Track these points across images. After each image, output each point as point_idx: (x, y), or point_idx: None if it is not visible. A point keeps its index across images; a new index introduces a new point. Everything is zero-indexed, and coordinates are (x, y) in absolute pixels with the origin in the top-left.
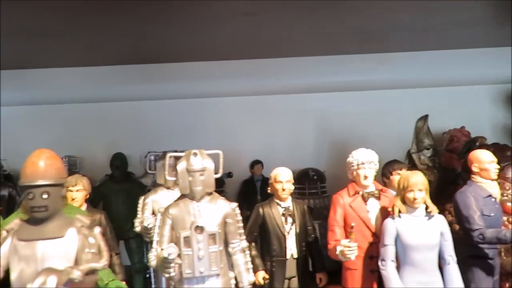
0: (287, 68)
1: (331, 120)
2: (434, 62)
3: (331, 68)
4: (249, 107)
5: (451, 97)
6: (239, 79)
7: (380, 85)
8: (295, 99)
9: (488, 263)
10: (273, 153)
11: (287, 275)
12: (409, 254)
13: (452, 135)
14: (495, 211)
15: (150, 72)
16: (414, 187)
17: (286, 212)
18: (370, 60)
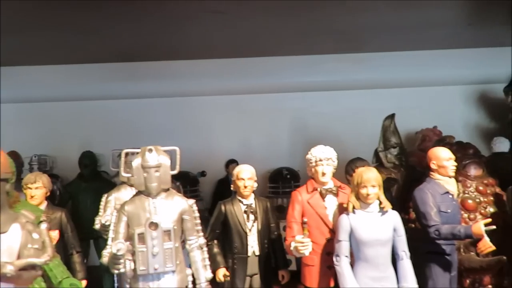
0: (262, 68)
1: (306, 119)
2: (408, 63)
3: (306, 68)
4: (225, 107)
5: (425, 97)
6: (215, 78)
7: (355, 85)
8: (271, 98)
9: (446, 259)
10: (249, 152)
11: (249, 272)
12: (362, 249)
13: (424, 134)
14: (452, 207)
15: (124, 71)
16: (367, 183)
17: (248, 209)
18: (344, 60)
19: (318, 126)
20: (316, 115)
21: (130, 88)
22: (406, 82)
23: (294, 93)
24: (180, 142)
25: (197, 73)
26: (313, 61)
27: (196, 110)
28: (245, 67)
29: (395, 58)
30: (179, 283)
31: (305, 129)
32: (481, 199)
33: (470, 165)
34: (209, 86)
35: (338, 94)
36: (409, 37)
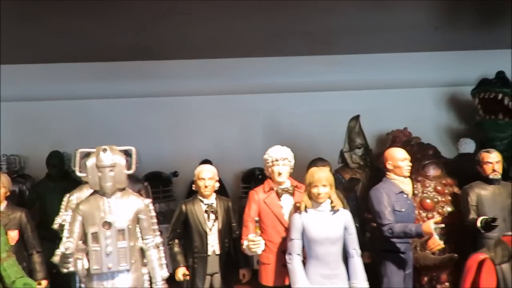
0: (235, 69)
1: (279, 120)
2: (380, 65)
3: (279, 70)
4: (198, 107)
5: (396, 99)
6: (189, 79)
7: (328, 86)
8: (245, 99)
9: (400, 257)
10: (222, 152)
11: (209, 271)
12: (314, 247)
13: (395, 135)
14: (406, 206)
15: (97, 71)
16: (318, 183)
17: (209, 209)
18: (318, 62)
19: (291, 127)
20: (289, 116)
21: (103, 88)
22: (377, 84)
23: (267, 94)
24: (153, 142)
25: (170, 73)
26: (285, 63)
27: (170, 110)
28: (219, 68)
29: (366, 60)
30: (134, 282)
31: (278, 130)
32: (439, 199)
33: (429, 165)
34: (183, 87)
35: (311, 96)
36: (380, 39)
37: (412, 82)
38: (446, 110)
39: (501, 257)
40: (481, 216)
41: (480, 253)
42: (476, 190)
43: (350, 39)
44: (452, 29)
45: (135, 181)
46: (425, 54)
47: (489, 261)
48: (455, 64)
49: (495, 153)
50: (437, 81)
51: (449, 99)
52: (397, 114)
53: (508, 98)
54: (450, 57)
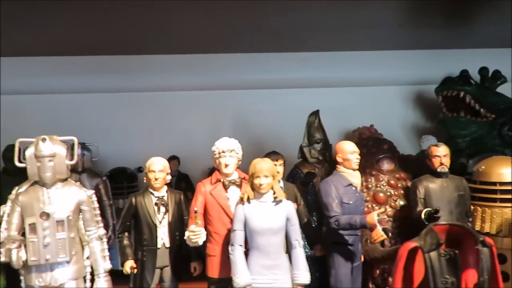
0: (204, 65)
1: (248, 117)
2: (348, 63)
3: (249, 66)
4: (167, 103)
5: (364, 97)
6: (157, 74)
7: (297, 83)
8: (213, 95)
9: (348, 249)
10: (190, 149)
11: (159, 264)
12: (255, 238)
13: (361, 132)
14: (354, 199)
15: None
16: (260, 174)
17: (159, 201)
18: (287, 58)
19: (260, 124)
20: (258, 112)
21: (70, 83)
22: (345, 82)
23: (236, 91)
24: (121, 137)
25: (138, 69)
26: (253, 59)
27: (138, 106)
28: (187, 64)
29: (335, 58)
30: (75, 274)
31: (247, 127)
32: (392, 193)
33: (383, 159)
34: (151, 82)
35: (280, 92)
36: (349, 37)
37: (379, 80)
38: (412, 107)
39: (429, 245)
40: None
41: (411, 241)
42: (424, 183)
43: (319, 37)
44: (419, 28)
45: (93, 176)
46: (392, 52)
47: (418, 249)
48: (422, 62)
49: (443, 147)
50: (404, 79)
51: (416, 97)
52: (365, 111)
53: (469, 96)
54: (417, 55)
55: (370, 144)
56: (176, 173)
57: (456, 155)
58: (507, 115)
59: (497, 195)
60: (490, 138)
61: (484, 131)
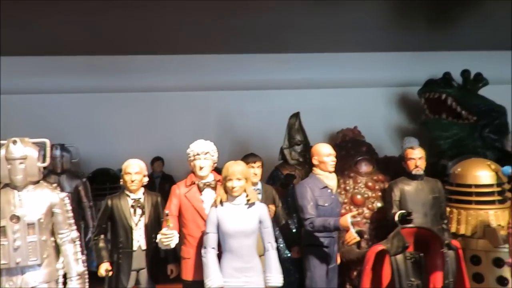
0: (189, 66)
1: (232, 118)
2: (332, 64)
3: (233, 67)
4: (151, 104)
5: (349, 98)
6: (141, 75)
7: (281, 85)
8: (197, 96)
9: (324, 251)
10: (174, 150)
11: (135, 267)
12: (227, 241)
13: (344, 134)
14: (330, 201)
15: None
16: (233, 176)
17: (136, 203)
18: (270, 60)
19: (244, 125)
20: (242, 114)
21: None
22: (330, 83)
23: (220, 92)
24: (105, 138)
25: (123, 69)
26: (239, 60)
27: (123, 106)
28: (172, 65)
29: (320, 59)
30: (46, 277)
31: (231, 128)
32: (369, 194)
33: (362, 162)
34: (135, 83)
35: (264, 94)
36: (332, 39)
37: (363, 81)
38: (396, 109)
39: (396, 248)
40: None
41: (379, 244)
42: (400, 186)
43: (303, 38)
44: (402, 30)
45: (72, 177)
46: (376, 54)
47: (385, 252)
48: (406, 64)
49: (418, 150)
50: (388, 81)
51: (400, 99)
52: (349, 113)
53: (451, 98)
54: (401, 57)
55: (349, 146)
56: (160, 174)
57: (438, 157)
58: (488, 117)
59: (473, 197)
60: (472, 140)
61: (466, 133)
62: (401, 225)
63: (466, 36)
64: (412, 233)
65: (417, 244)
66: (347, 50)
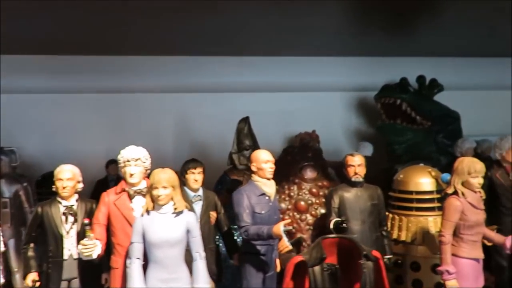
0: (145, 67)
1: (191, 121)
2: (292, 68)
3: (191, 69)
4: (107, 106)
5: (307, 102)
6: (95, 75)
7: (241, 87)
8: (154, 98)
9: (261, 259)
10: None
11: (66, 276)
12: (153, 251)
13: (302, 138)
14: (267, 208)
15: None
16: (159, 185)
17: (68, 211)
18: (229, 62)
19: (203, 128)
20: (200, 117)
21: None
22: (289, 87)
23: (178, 94)
24: (58, 140)
25: (78, 70)
26: (198, 62)
27: (77, 108)
28: (128, 66)
29: (278, 62)
30: None
31: (189, 131)
32: (313, 201)
33: (306, 168)
34: (90, 84)
35: (224, 96)
36: (292, 42)
37: (322, 85)
38: (355, 114)
39: (314, 260)
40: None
41: (299, 255)
42: (339, 193)
43: (263, 41)
44: (362, 34)
45: (12, 182)
46: (335, 58)
47: (303, 263)
48: (365, 69)
49: (358, 156)
50: (347, 85)
51: (359, 103)
52: (308, 117)
53: (405, 103)
54: (361, 62)
55: (295, 152)
56: (114, 177)
57: (393, 162)
58: (442, 123)
59: (413, 203)
60: (426, 145)
61: (420, 138)
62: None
63: (424, 42)
64: (335, 243)
65: (341, 254)
66: (306, 54)
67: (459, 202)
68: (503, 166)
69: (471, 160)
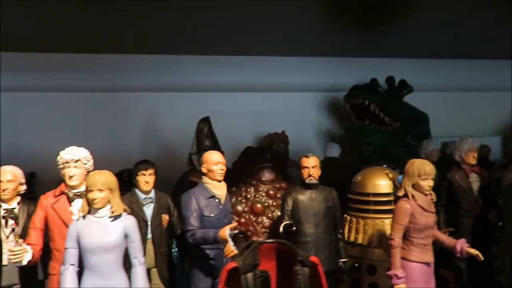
0: (112, 65)
1: (159, 121)
2: (263, 68)
3: (160, 68)
4: (70, 104)
5: (278, 102)
6: (58, 74)
7: (209, 87)
8: (120, 97)
9: (210, 263)
10: (94, 153)
11: (5, 283)
12: (87, 257)
13: (271, 138)
14: (217, 211)
15: None
16: (93, 187)
17: (8, 214)
18: (198, 61)
19: (172, 128)
20: (169, 116)
21: None
22: (260, 87)
23: (147, 93)
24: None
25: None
26: (166, 61)
27: (37, 107)
28: (95, 65)
29: (249, 62)
30: None
31: (157, 131)
32: (270, 203)
33: (264, 169)
34: (52, 82)
35: (193, 96)
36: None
37: (294, 86)
38: (326, 114)
39: (247, 266)
40: (296, 221)
41: (234, 261)
42: (293, 195)
43: (232, 40)
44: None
45: None
46: (307, 59)
47: (237, 269)
48: (337, 70)
49: (312, 158)
50: (318, 86)
51: (330, 104)
52: (279, 117)
53: (374, 104)
54: (332, 63)
55: (253, 153)
56: None
57: (362, 163)
58: (411, 124)
59: (370, 206)
60: (394, 146)
61: (388, 139)
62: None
63: (395, 43)
64: (273, 248)
65: (280, 259)
66: (277, 54)
67: (408, 205)
68: (462, 168)
69: (421, 162)
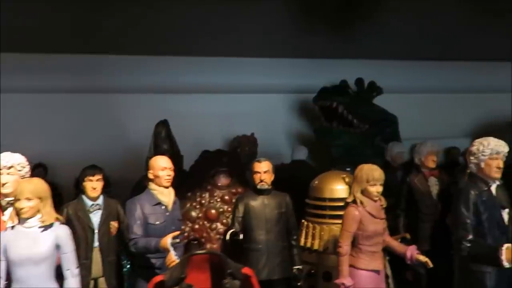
0: (80, 66)
1: (127, 122)
2: (232, 69)
3: (127, 69)
4: (34, 105)
5: (248, 104)
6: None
7: (178, 88)
8: (87, 98)
9: (156, 273)
10: (59, 156)
11: None
12: (14, 270)
13: (240, 141)
14: (163, 219)
15: None
16: (21, 196)
17: None
18: (166, 62)
19: (138, 130)
20: (137, 118)
21: None
22: (229, 88)
23: (114, 94)
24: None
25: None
26: (134, 62)
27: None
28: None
29: (218, 63)
30: None
31: (124, 133)
32: (225, 209)
33: (220, 174)
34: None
35: (160, 98)
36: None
37: (264, 87)
38: (297, 116)
39: (173, 279)
40: (247, 227)
41: (162, 274)
42: (245, 201)
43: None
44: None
45: None
46: (277, 60)
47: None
48: (307, 71)
49: (264, 163)
50: (289, 87)
51: (300, 106)
52: (249, 119)
53: (342, 106)
54: (302, 64)
55: (210, 157)
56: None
57: (331, 166)
58: (380, 126)
59: (327, 211)
60: (363, 149)
61: (357, 142)
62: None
63: (366, 44)
64: (207, 259)
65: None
66: (246, 55)
67: (357, 212)
68: (421, 171)
69: (370, 168)
